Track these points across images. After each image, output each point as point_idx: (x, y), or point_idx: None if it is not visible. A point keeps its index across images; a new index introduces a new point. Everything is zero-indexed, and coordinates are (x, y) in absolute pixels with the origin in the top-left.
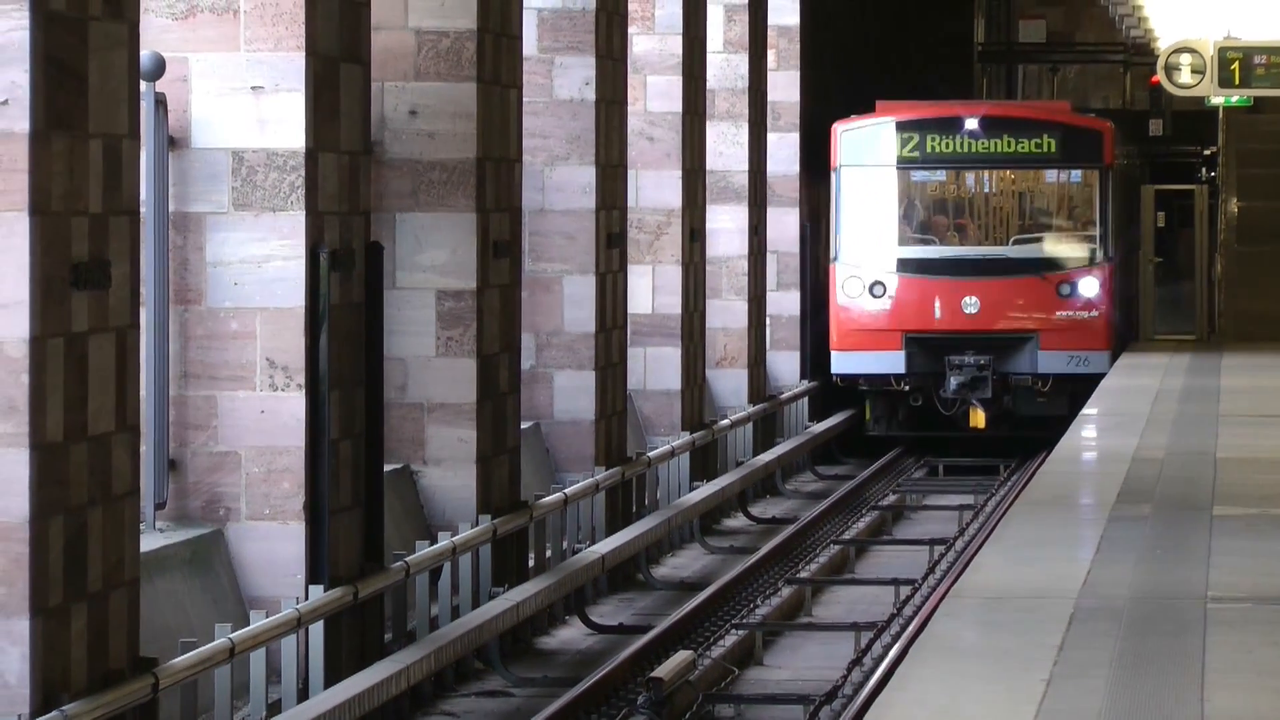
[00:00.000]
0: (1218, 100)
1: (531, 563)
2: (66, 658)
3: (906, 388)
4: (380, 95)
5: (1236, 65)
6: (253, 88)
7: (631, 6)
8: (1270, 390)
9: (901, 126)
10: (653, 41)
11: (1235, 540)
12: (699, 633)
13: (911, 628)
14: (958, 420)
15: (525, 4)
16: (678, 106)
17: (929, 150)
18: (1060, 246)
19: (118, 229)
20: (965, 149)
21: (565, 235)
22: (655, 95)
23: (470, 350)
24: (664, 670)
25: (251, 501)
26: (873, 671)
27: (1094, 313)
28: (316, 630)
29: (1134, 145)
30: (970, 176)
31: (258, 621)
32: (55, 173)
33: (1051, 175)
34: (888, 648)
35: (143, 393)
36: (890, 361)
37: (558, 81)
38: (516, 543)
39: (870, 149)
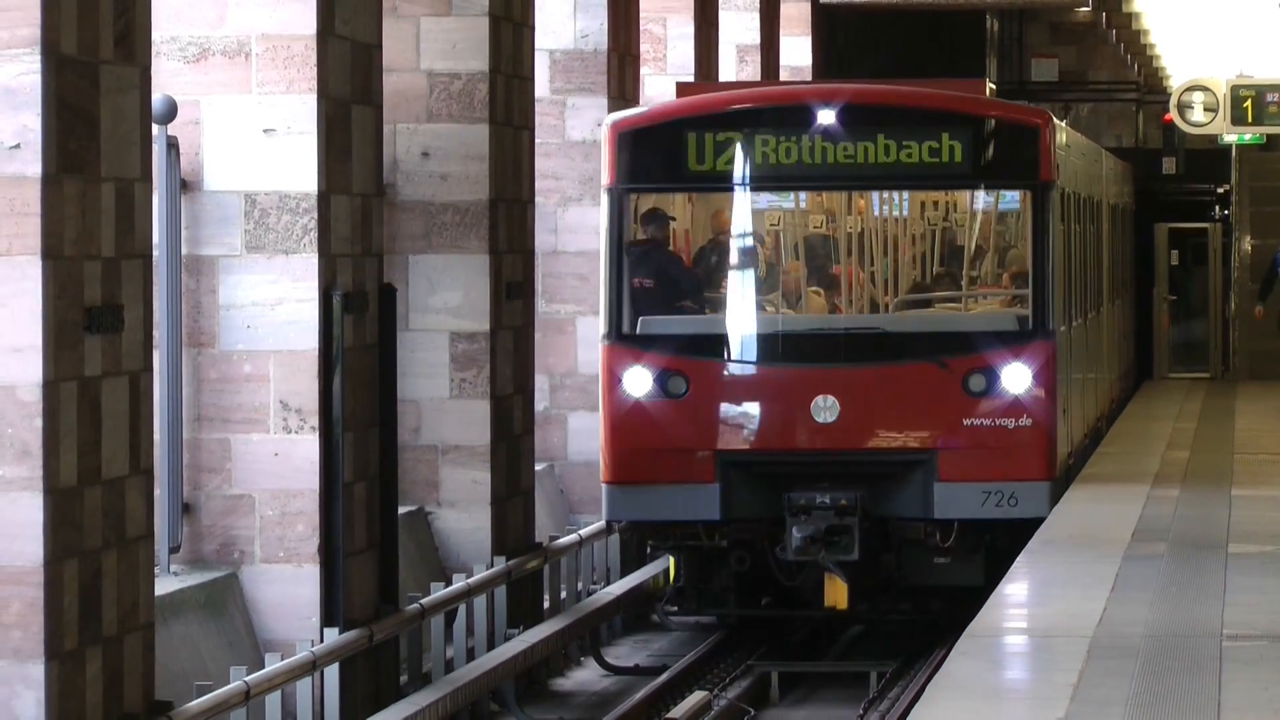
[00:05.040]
0: (1230, 138)
1: (546, 604)
2: (82, 702)
3: (724, 543)
4: (392, 137)
5: (1249, 103)
6: (264, 130)
7: (643, 47)
8: None
9: (711, 122)
10: (665, 82)
11: (1251, 578)
12: (714, 674)
13: (930, 667)
14: (806, 594)
15: (537, 45)
16: None
17: (759, 160)
18: (971, 316)
19: (130, 272)
20: (818, 158)
21: (578, 276)
22: None
23: (484, 392)
24: (679, 711)
25: (266, 544)
26: (889, 712)
27: (1025, 420)
28: (332, 673)
29: (1128, 164)
30: (825, 202)
31: (273, 664)
32: (67, 216)
33: (958, 199)
34: (905, 688)
35: (156, 436)
36: (698, 500)
37: (570, 123)
38: (531, 584)
39: (663, 159)
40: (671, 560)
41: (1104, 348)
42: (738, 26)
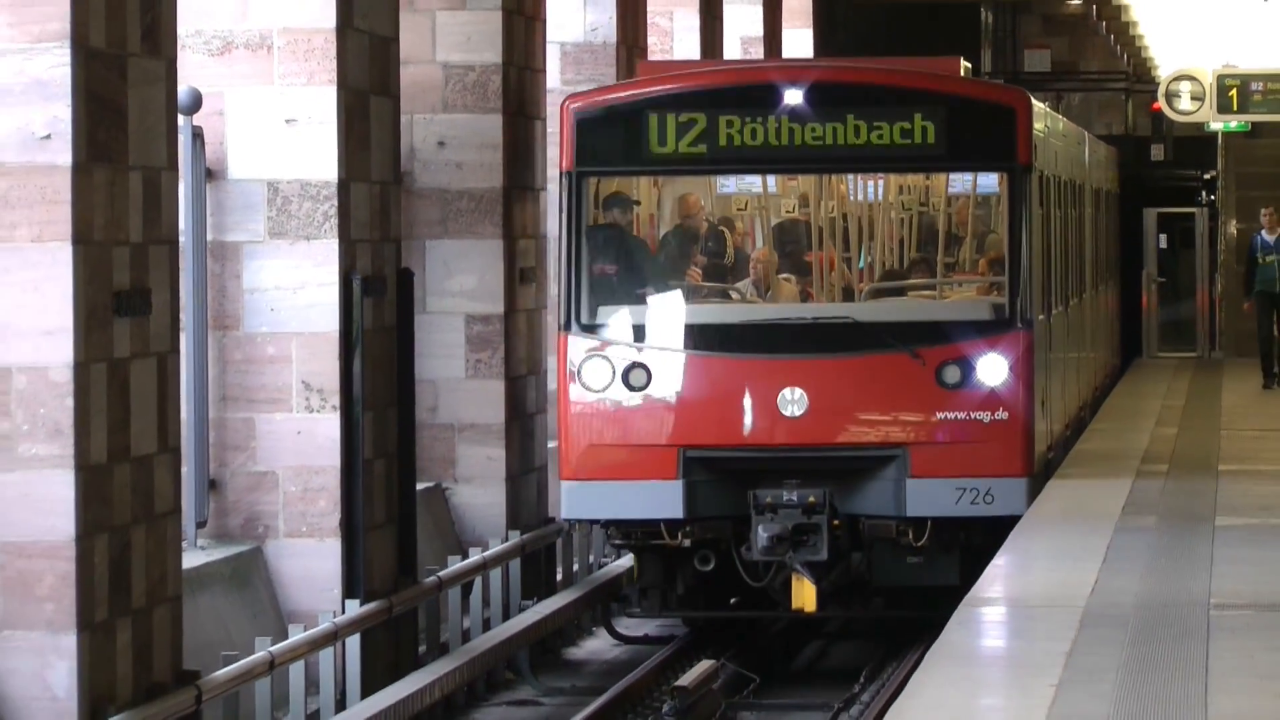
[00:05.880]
0: (1217, 125)
1: (559, 576)
2: (112, 672)
3: (688, 542)
4: (410, 127)
5: (1235, 92)
6: (286, 121)
7: (650, 39)
8: (1269, 405)
9: (673, 102)
10: None
11: (1237, 549)
12: (722, 642)
13: (929, 639)
14: (774, 595)
15: (548, 38)
16: None
17: (723, 142)
18: (945, 304)
19: (158, 258)
20: (785, 139)
21: None
22: None
23: (498, 372)
24: (688, 679)
25: (289, 519)
26: (889, 680)
27: (1001, 413)
28: (353, 643)
29: (1113, 148)
30: (792, 186)
31: (296, 635)
32: (97, 204)
33: (934, 183)
34: (905, 658)
35: (183, 415)
36: (660, 498)
37: None
38: (545, 557)
39: (622, 141)
40: (634, 560)
41: (1087, 335)
42: (742, 19)
